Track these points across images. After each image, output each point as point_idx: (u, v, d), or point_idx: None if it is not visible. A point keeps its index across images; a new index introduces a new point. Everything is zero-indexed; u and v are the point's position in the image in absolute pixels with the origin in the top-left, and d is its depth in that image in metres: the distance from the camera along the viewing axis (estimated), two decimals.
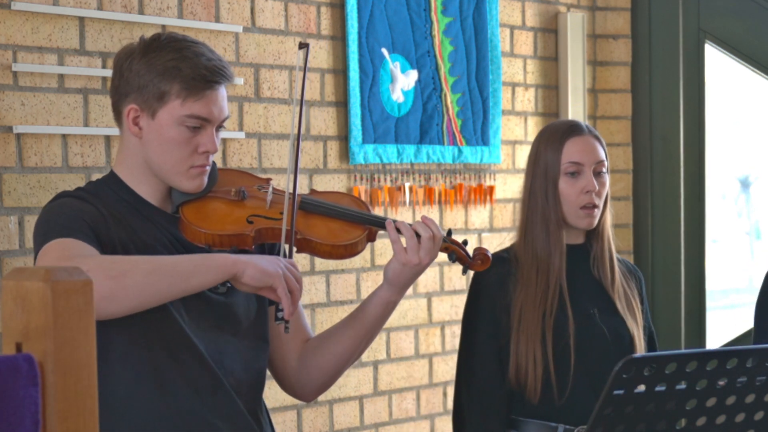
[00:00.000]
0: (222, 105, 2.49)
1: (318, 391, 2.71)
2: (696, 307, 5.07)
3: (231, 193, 2.57)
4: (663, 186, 5.06)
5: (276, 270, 2.36)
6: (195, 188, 2.51)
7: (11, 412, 1.29)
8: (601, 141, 3.07)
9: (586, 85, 4.92)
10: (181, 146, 2.46)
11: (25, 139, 3.30)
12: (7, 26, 3.27)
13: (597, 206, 3.01)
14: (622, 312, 3.02)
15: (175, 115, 2.44)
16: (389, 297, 2.63)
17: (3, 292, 1.34)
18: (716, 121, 5.41)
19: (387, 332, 4.27)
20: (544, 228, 3.00)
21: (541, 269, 2.98)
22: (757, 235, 9.47)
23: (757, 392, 2.14)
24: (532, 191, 3.04)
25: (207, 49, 2.50)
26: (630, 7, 5.08)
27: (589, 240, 3.08)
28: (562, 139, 3.02)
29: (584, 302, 3.01)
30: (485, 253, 2.70)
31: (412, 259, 2.57)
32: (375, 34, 4.17)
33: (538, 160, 3.04)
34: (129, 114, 2.47)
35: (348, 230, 2.61)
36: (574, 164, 3.01)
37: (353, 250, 2.61)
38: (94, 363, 1.36)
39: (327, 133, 4.08)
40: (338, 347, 2.65)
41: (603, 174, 3.04)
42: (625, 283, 3.09)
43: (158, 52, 2.45)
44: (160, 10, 3.61)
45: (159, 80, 2.44)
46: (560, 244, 3.00)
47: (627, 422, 2.07)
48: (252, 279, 2.34)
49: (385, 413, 4.27)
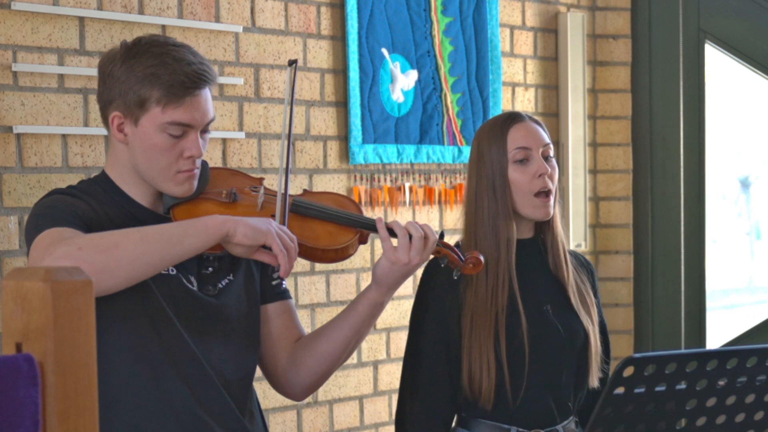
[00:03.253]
0: (205, 108, 2.46)
1: (308, 391, 2.69)
2: (696, 307, 5.07)
3: (222, 195, 2.55)
4: (663, 186, 5.06)
5: (268, 228, 2.36)
6: (184, 193, 2.49)
7: (11, 412, 1.29)
8: (542, 126, 2.95)
9: (586, 85, 4.93)
10: (165, 152, 2.44)
11: (25, 139, 3.30)
12: (7, 26, 3.27)
13: (551, 191, 2.88)
14: (576, 307, 2.92)
15: (156, 122, 2.42)
16: (377, 298, 2.60)
17: (3, 292, 1.34)
18: (716, 121, 5.42)
19: (387, 332, 4.27)
20: (491, 225, 2.87)
21: (490, 266, 2.84)
22: (757, 235, 9.47)
23: (757, 392, 2.15)
24: (478, 190, 2.90)
25: (189, 52, 2.46)
26: (630, 7, 5.08)
27: (538, 233, 2.95)
28: (504, 129, 2.90)
29: (537, 298, 2.90)
30: (478, 257, 2.64)
31: (402, 257, 2.54)
32: (375, 34, 4.18)
33: (481, 157, 2.91)
34: (113, 121, 2.45)
35: (339, 233, 2.59)
36: (521, 150, 2.88)
37: (344, 254, 2.59)
38: (94, 363, 1.36)
39: (327, 133, 4.08)
40: (327, 347, 2.63)
41: (551, 159, 2.92)
42: (578, 277, 2.98)
43: (138, 58, 2.43)
44: (160, 10, 3.61)
45: (139, 87, 2.41)
46: (509, 238, 2.87)
47: (627, 422, 2.07)
48: (245, 237, 2.34)
49: (385, 413, 4.27)
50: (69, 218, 2.37)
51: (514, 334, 2.84)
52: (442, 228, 4.42)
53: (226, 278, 2.55)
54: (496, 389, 2.83)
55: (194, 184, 2.51)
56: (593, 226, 5.06)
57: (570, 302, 2.93)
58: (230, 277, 2.55)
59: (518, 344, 2.84)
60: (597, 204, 5.09)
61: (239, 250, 2.37)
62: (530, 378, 2.85)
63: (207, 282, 2.51)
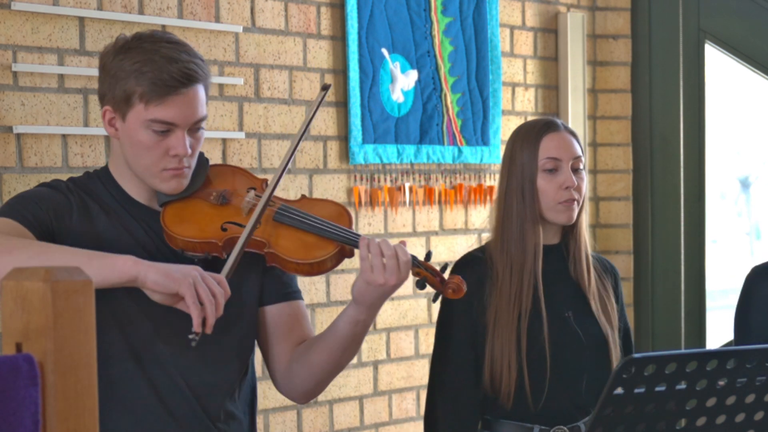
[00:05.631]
0: (193, 107, 2.41)
1: (308, 396, 2.64)
2: (696, 307, 5.07)
3: (212, 197, 2.52)
4: (663, 186, 5.06)
5: (184, 277, 2.24)
6: (171, 190, 2.46)
7: (11, 412, 1.29)
8: (576, 137, 3.01)
9: (586, 85, 4.93)
10: (150, 149, 2.41)
11: (25, 139, 3.30)
12: (7, 26, 3.27)
13: (576, 200, 2.95)
14: (597, 314, 2.97)
15: (140, 119, 2.40)
16: (357, 316, 2.52)
17: (3, 292, 1.34)
18: (716, 121, 5.42)
19: (387, 332, 4.27)
20: (519, 228, 2.93)
21: (515, 270, 2.92)
22: (757, 235, 9.47)
23: (757, 392, 2.14)
24: (508, 191, 2.96)
25: (183, 50, 2.42)
26: (630, 7, 5.08)
27: (565, 240, 3.02)
28: (538, 136, 2.96)
29: (559, 304, 2.96)
30: (459, 283, 2.53)
31: (377, 278, 2.45)
32: (375, 34, 4.17)
33: (513, 159, 2.97)
34: (105, 115, 2.44)
35: (318, 246, 2.50)
36: (551, 160, 2.94)
37: (320, 268, 2.50)
38: (94, 363, 1.36)
39: (327, 133, 4.08)
40: (318, 359, 2.56)
41: (580, 171, 2.98)
42: (600, 284, 3.03)
43: (128, 53, 2.40)
44: (160, 10, 3.61)
45: (125, 83, 2.39)
46: (536, 243, 2.93)
47: (627, 422, 2.06)
48: (155, 284, 2.22)
49: (385, 413, 4.27)
50: (24, 211, 2.36)
51: (535, 339, 2.90)
52: (442, 228, 4.42)
53: None
54: (516, 390, 2.88)
55: (183, 182, 2.47)
56: (593, 226, 5.06)
57: (591, 309, 2.98)
58: None
59: (539, 349, 2.90)
60: (597, 204, 5.10)
61: (157, 297, 2.26)
62: (551, 382, 2.91)
63: None
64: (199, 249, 2.44)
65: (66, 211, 2.42)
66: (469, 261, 3.00)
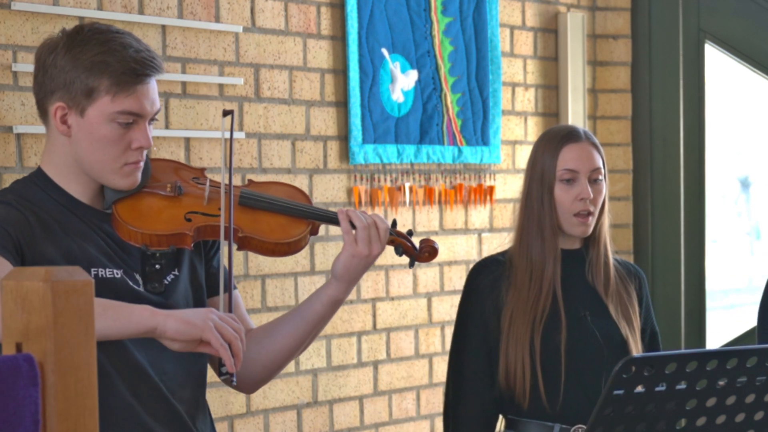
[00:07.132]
0: (154, 98, 2.39)
1: (258, 384, 2.61)
2: (696, 307, 5.07)
3: (167, 189, 2.47)
4: (663, 186, 5.06)
5: (204, 321, 2.22)
6: (129, 185, 2.42)
7: (11, 412, 1.29)
8: (598, 148, 3.07)
9: (586, 85, 4.93)
10: (113, 144, 2.36)
11: (25, 139, 3.30)
12: (7, 26, 3.27)
13: (591, 213, 3.00)
14: (615, 316, 3.01)
15: (105, 112, 2.35)
16: (337, 294, 2.54)
17: (3, 292, 1.34)
18: (716, 121, 5.42)
19: (387, 332, 4.27)
20: (539, 233, 3.00)
21: (534, 275, 2.98)
22: (757, 235, 9.47)
23: (757, 392, 2.15)
24: (529, 195, 3.04)
25: (134, 39, 2.39)
26: (630, 7, 5.08)
27: (585, 245, 3.07)
28: (559, 145, 3.02)
29: (576, 306, 3.00)
30: (432, 245, 2.61)
31: (362, 250, 2.50)
32: (375, 34, 4.18)
33: (535, 164, 3.04)
34: (56, 112, 2.37)
35: (291, 226, 2.52)
36: (569, 171, 3.01)
37: (296, 247, 2.52)
38: (94, 363, 1.36)
39: (327, 133, 4.08)
40: (282, 343, 2.55)
41: (599, 181, 3.04)
42: (622, 288, 3.07)
43: (83, 46, 2.34)
44: (160, 10, 3.61)
45: (86, 76, 2.33)
46: (555, 250, 3.00)
47: (627, 422, 2.07)
48: (177, 333, 2.20)
49: (385, 413, 4.27)
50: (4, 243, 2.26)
51: (551, 340, 2.95)
52: (442, 228, 4.42)
53: (171, 273, 2.46)
54: (531, 389, 2.93)
55: (139, 176, 2.44)
56: None
57: (609, 311, 3.02)
58: (176, 272, 2.47)
59: (554, 350, 2.94)
60: None
61: (176, 346, 2.23)
62: (567, 382, 2.94)
63: (153, 279, 2.43)
64: (165, 242, 2.41)
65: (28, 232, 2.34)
66: (487, 263, 3.08)
